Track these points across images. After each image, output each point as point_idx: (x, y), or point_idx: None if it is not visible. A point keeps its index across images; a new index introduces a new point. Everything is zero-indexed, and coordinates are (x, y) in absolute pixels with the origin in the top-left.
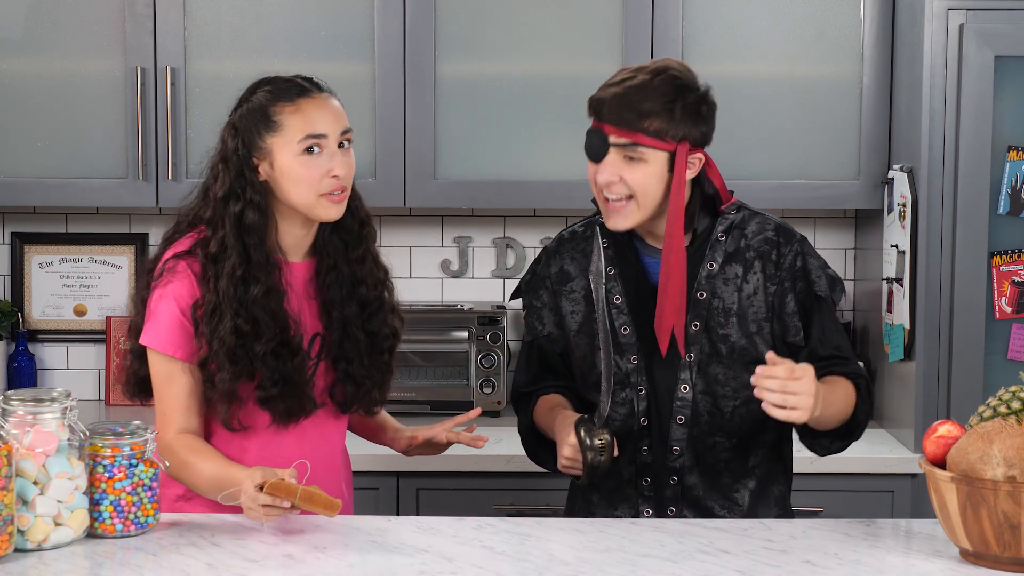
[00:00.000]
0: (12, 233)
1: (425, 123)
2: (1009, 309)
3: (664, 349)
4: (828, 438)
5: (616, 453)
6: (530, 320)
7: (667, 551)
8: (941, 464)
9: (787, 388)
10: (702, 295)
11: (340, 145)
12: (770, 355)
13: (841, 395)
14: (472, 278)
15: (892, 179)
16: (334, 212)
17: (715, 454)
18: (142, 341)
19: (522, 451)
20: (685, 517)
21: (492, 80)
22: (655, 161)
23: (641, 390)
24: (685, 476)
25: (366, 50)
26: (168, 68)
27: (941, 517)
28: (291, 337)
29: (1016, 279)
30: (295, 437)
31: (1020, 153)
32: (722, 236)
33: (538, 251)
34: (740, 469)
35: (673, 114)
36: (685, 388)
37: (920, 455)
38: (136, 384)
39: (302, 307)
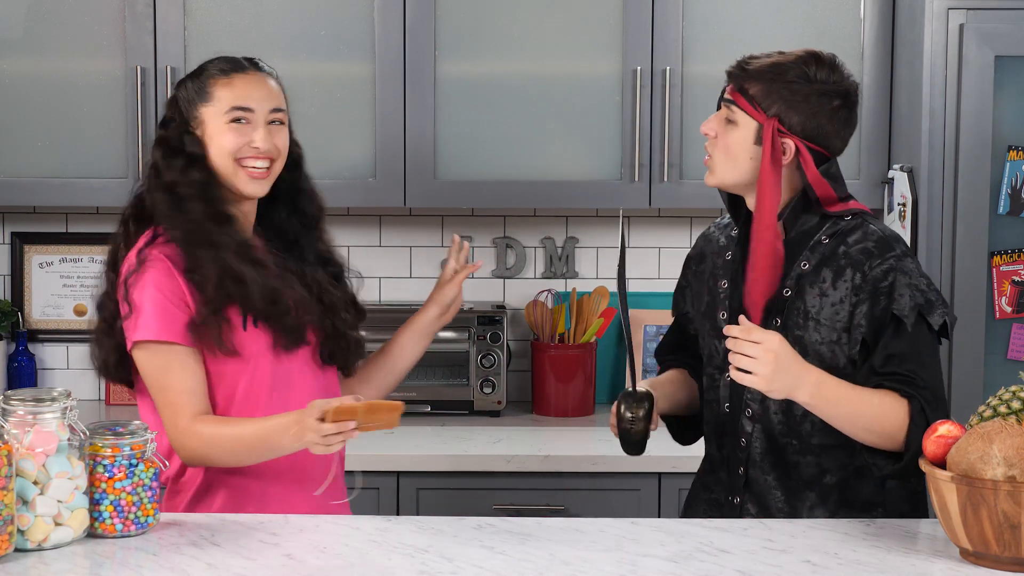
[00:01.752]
0: (12, 233)
1: (425, 123)
2: (1009, 309)
3: (757, 323)
4: (881, 456)
5: (655, 427)
6: (675, 297)
7: (667, 551)
8: (941, 464)
9: (740, 348)
10: (787, 292)
11: (272, 123)
12: (741, 318)
13: (869, 403)
14: (472, 278)
15: (892, 179)
16: (252, 187)
17: (787, 456)
18: (136, 338)
19: (522, 451)
20: (747, 510)
21: (492, 80)
22: (745, 127)
23: (728, 376)
24: (750, 469)
25: (366, 50)
26: (168, 68)
27: (941, 517)
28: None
29: (1016, 279)
30: (303, 393)
31: (1020, 153)
32: (825, 239)
33: (538, 251)
34: (811, 479)
35: (772, 87)
36: None
37: (920, 455)
38: (115, 364)
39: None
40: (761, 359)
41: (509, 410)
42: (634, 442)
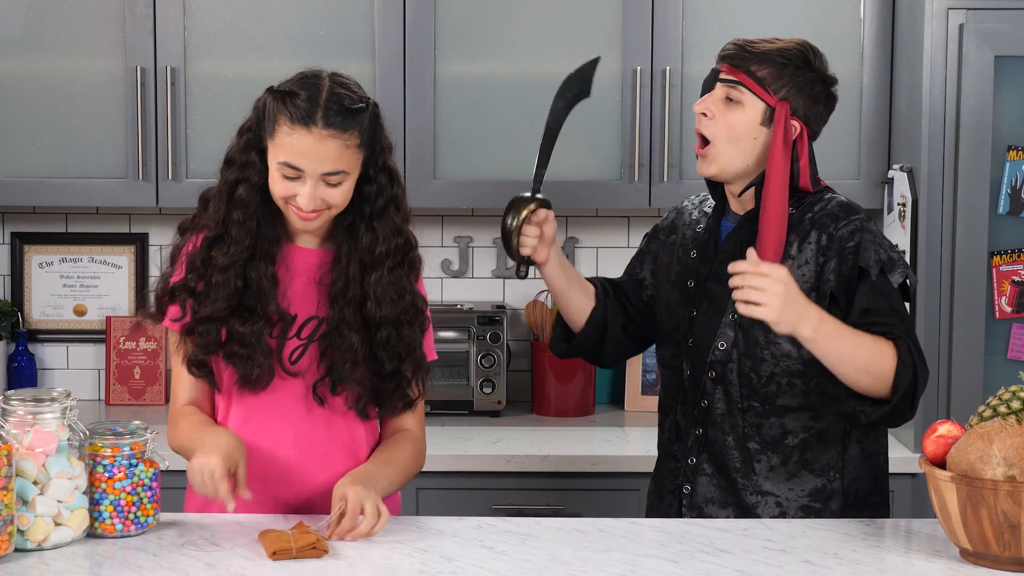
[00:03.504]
0: (12, 233)
1: (425, 123)
2: (1009, 309)
3: None
4: (868, 403)
5: (540, 240)
6: (632, 262)
7: (667, 551)
8: (941, 464)
9: (750, 282)
10: None
11: (327, 183)
12: (749, 251)
13: (865, 342)
14: (472, 278)
15: (892, 179)
16: (301, 225)
17: (748, 417)
18: (164, 324)
19: (522, 451)
20: (703, 470)
21: (492, 80)
22: (752, 107)
23: (691, 341)
24: (710, 429)
25: (366, 50)
26: (168, 68)
27: (941, 517)
28: (255, 304)
29: (1016, 279)
30: (287, 423)
31: (1020, 153)
32: (792, 211)
33: None
34: (772, 441)
35: (783, 71)
36: (723, 345)
37: (920, 455)
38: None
39: (302, 290)
40: (771, 291)
41: (509, 410)
42: (512, 240)
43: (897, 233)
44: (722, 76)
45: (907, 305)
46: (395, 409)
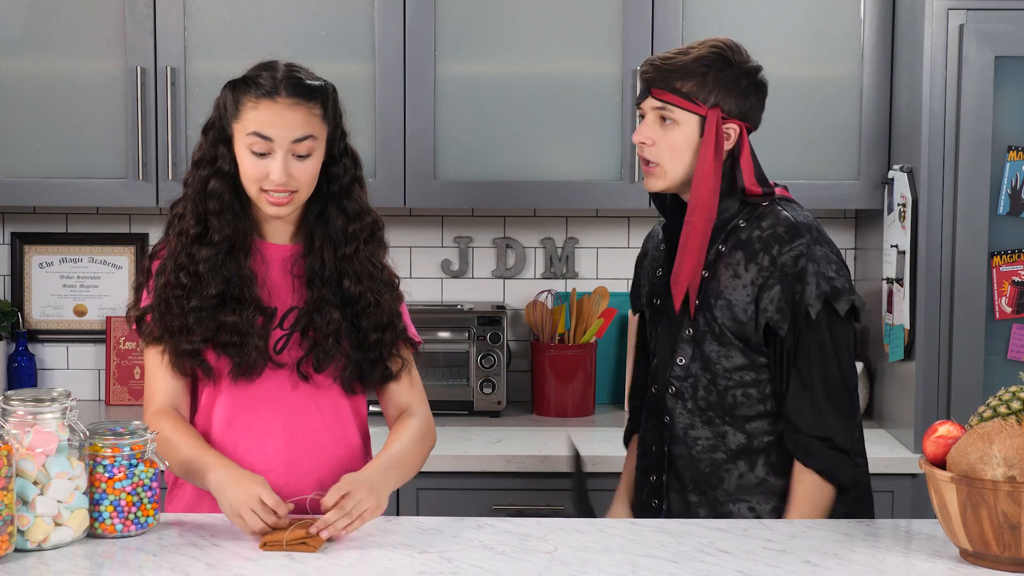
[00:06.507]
0: (12, 233)
1: (425, 123)
2: (1009, 309)
3: (677, 305)
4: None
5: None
6: (631, 296)
7: (667, 551)
8: (941, 464)
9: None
10: (705, 273)
11: (296, 154)
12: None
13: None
14: (472, 278)
15: (892, 179)
16: (273, 211)
17: (712, 428)
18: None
19: (522, 451)
20: (673, 486)
21: (492, 80)
22: (687, 124)
23: (654, 359)
24: (674, 446)
25: (366, 50)
26: (168, 68)
27: (941, 517)
28: (243, 293)
29: (1016, 279)
30: (276, 412)
31: (1020, 153)
32: (742, 223)
33: (538, 251)
34: (740, 449)
35: (706, 79)
36: (681, 360)
37: (920, 455)
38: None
39: (278, 282)
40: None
41: (509, 410)
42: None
43: (897, 233)
44: (650, 103)
45: (856, 327)
46: (376, 381)
